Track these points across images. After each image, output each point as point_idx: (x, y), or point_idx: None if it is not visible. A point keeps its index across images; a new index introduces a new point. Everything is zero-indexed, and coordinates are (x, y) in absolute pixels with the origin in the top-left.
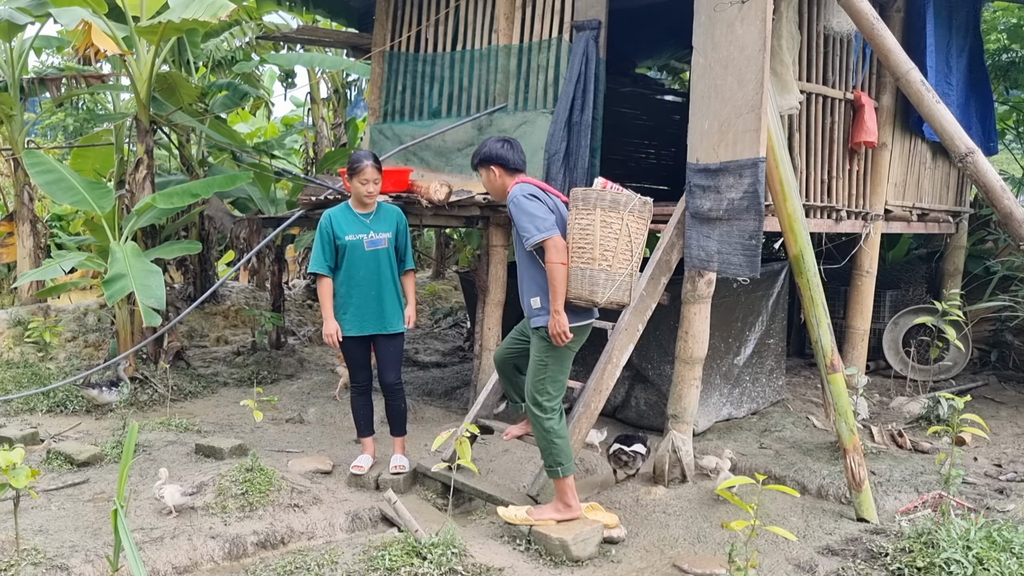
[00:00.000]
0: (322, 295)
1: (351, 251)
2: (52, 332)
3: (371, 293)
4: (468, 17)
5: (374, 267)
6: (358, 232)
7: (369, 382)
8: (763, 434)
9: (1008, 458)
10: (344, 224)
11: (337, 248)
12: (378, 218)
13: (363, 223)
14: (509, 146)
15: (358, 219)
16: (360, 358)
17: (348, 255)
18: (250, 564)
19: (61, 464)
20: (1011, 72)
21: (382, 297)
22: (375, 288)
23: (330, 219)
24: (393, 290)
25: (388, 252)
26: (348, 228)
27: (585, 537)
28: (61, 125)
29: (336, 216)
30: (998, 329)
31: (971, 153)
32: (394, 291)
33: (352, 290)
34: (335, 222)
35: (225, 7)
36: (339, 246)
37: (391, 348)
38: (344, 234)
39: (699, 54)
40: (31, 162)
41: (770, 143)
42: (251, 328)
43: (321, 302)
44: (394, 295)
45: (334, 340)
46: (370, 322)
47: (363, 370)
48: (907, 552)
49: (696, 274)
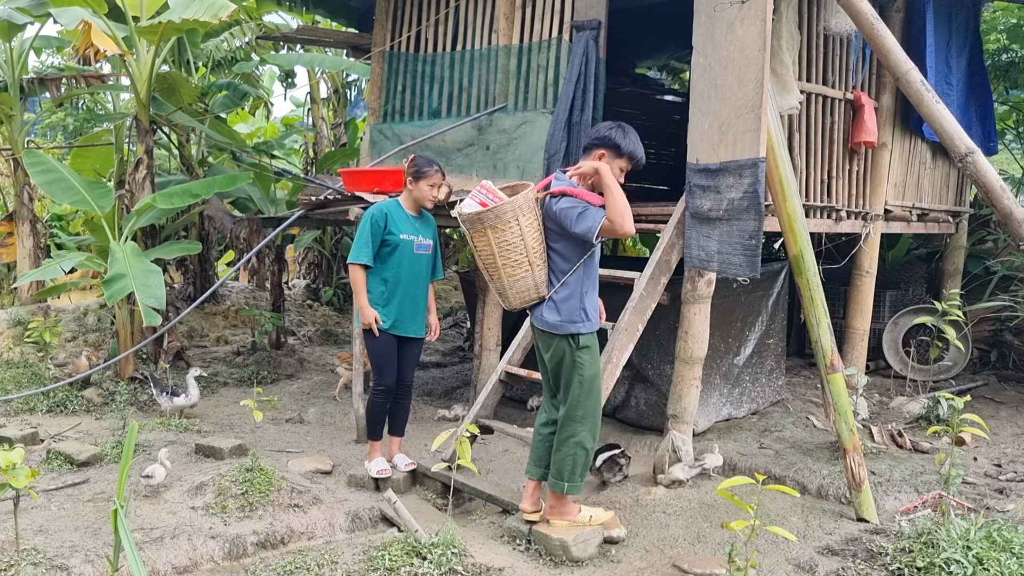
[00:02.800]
0: (359, 284)
1: (401, 250)
2: (52, 332)
3: (411, 294)
4: (468, 17)
5: (418, 269)
6: (411, 233)
7: (395, 385)
8: (763, 434)
9: (1008, 458)
10: (400, 221)
11: (385, 243)
12: (424, 224)
13: (414, 225)
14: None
15: (410, 220)
16: (391, 356)
17: (397, 253)
18: (250, 564)
19: (61, 464)
20: (1011, 72)
21: (420, 300)
22: (415, 290)
23: (386, 214)
24: (426, 296)
25: (429, 259)
26: (403, 226)
27: (586, 538)
28: (61, 125)
29: (392, 212)
30: (998, 329)
31: (971, 153)
32: (427, 297)
33: (395, 288)
34: (392, 217)
35: (225, 7)
36: (389, 242)
37: (415, 350)
38: (399, 231)
39: (699, 54)
40: (31, 162)
41: (770, 143)
42: (251, 328)
43: (356, 290)
44: (426, 301)
45: (374, 326)
46: (407, 323)
47: (392, 370)
48: (907, 552)
49: (696, 274)
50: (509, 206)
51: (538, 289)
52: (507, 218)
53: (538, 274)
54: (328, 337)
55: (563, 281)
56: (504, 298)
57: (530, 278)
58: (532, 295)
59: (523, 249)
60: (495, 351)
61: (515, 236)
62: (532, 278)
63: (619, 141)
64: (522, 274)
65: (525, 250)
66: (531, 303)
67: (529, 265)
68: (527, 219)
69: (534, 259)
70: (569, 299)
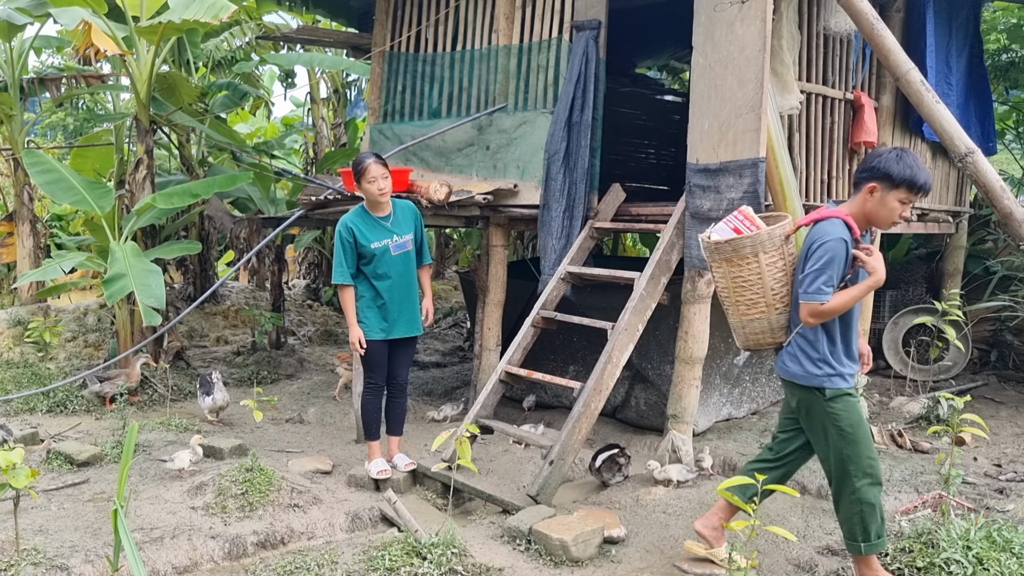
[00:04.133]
0: (347, 304)
1: (379, 258)
2: (52, 332)
3: (399, 296)
4: (468, 17)
5: (402, 270)
6: (382, 238)
7: (384, 382)
8: (763, 434)
9: (1008, 458)
10: (367, 231)
11: (361, 255)
12: (397, 219)
13: (384, 228)
14: (895, 156)
15: (378, 224)
16: (382, 358)
17: (376, 262)
18: (250, 564)
19: (61, 464)
20: (1011, 72)
21: (411, 300)
22: (403, 291)
23: (350, 228)
24: (417, 291)
25: (412, 255)
26: (372, 235)
27: (586, 538)
28: (61, 125)
29: (356, 223)
30: (998, 329)
31: (971, 153)
32: (417, 292)
33: (380, 295)
34: (357, 230)
35: (225, 7)
36: (364, 254)
37: (409, 349)
38: (369, 242)
39: (699, 54)
40: (31, 162)
41: (770, 143)
42: (251, 328)
43: (346, 311)
44: (417, 296)
45: (358, 347)
46: (399, 326)
47: (382, 369)
48: (907, 552)
49: (696, 274)
50: (749, 240)
51: (774, 334)
52: (745, 252)
53: (776, 318)
54: (328, 337)
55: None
56: (736, 336)
57: (765, 320)
58: (767, 339)
59: (761, 289)
60: (495, 351)
61: (752, 274)
62: (768, 321)
63: (890, 168)
64: (756, 315)
65: (763, 290)
66: (765, 348)
67: (766, 307)
68: (770, 257)
69: (773, 301)
70: (814, 345)
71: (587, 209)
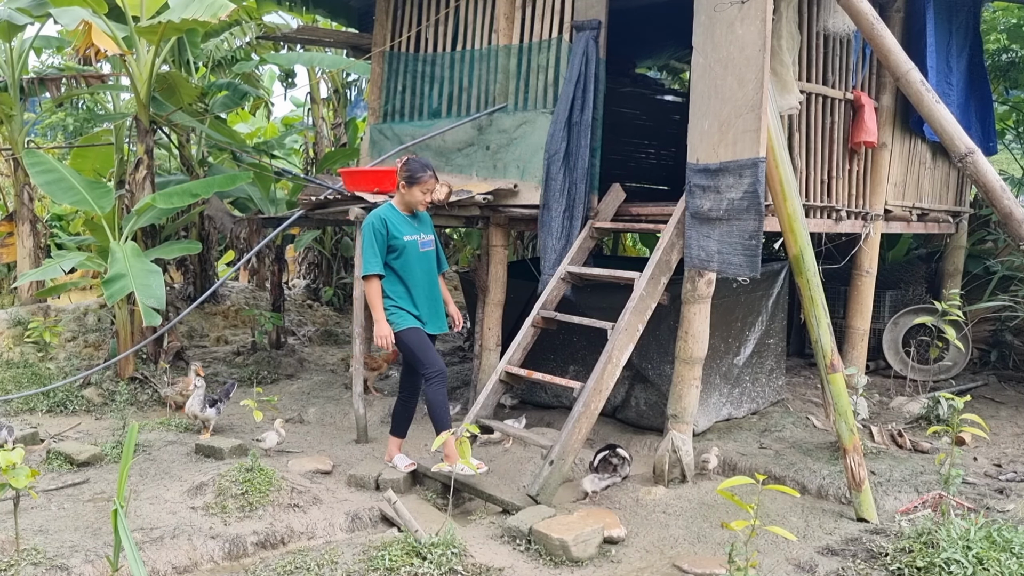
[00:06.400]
0: (375, 296)
1: (408, 252)
2: (52, 332)
3: (426, 293)
4: (468, 17)
5: (428, 267)
6: (412, 233)
7: (444, 366)
8: (763, 434)
9: (1008, 458)
10: (399, 224)
11: (391, 248)
12: (421, 222)
13: (413, 225)
14: None
15: (407, 220)
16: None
17: (405, 256)
18: (250, 564)
19: (61, 464)
20: (1011, 72)
21: (436, 298)
22: (429, 288)
23: (384, 221)
24: (440, 291)
25: (434, 255)
26: (404, 229)
27: (586, 538)
28: (61, 125)
29: (390, 217)
30: (998, 329)
31: (971, 153)
32: (440, 292)
33: (411, 290)
34: (391, 223)
35: (225, 7)
36: (395, 246)
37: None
38: (402, 234)
39: (699, 54)
40: (31, 162)
41: (770, 143)
42: (251, 328)
43: (373, 304)
44: (441, 296)
45: (388, 342)
46: (431, 321)
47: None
48: (907, 552)
49: (696, 274)
50: None
51: None
52: None
53: None
54: (328, 337)
55: None
56: None
57: None
58: None
59: None
60: (495, 351)
61: None
62: None
63: None
64: None
65: None
66: None
67: None
68: None
69: None
70: None
71: (587, 209)
